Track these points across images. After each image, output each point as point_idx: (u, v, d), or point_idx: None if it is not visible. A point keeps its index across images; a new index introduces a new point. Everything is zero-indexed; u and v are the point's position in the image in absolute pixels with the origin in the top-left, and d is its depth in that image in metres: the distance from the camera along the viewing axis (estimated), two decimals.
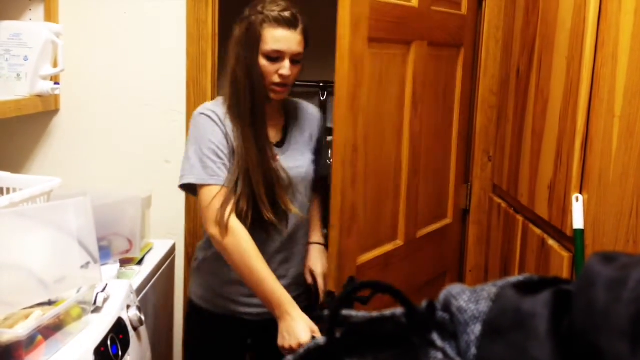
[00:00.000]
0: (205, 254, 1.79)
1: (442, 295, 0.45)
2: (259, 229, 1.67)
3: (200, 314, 1.81)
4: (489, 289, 0.43)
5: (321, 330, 1.55)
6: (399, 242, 1.89)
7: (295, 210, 1.71)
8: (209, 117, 1.64)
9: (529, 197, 1.72)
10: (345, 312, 0.45)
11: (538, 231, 1.64)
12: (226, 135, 1.63)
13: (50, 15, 2.11)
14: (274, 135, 1.77)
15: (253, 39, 1.62)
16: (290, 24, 1.62)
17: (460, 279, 2.31)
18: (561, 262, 1.46)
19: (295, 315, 1.57)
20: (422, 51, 1.89)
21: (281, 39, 1.61)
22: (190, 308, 1.86)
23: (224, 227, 1.57)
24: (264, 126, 1.70)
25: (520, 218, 1.81)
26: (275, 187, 1.67)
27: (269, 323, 1.64)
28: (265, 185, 1.65)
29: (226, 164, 1.62)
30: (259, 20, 1.62)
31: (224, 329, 1.80)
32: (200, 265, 1.82)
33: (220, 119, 1.64)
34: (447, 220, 2.20)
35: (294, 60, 1.65)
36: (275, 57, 1.62)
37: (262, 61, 1.62)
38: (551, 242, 1.54)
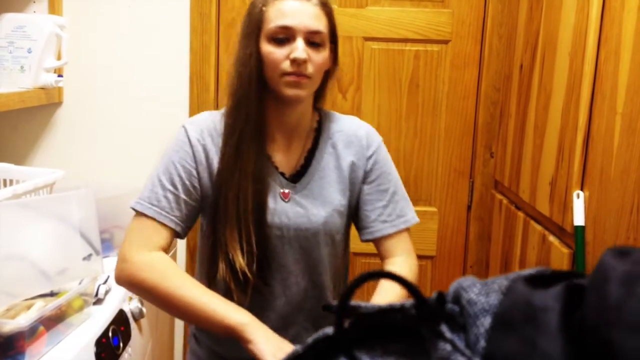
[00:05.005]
0: None
1: (452, 287, 0.44)
2: (250, 293, 1.25)
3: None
4: (500, 282, 0.42)
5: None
6: None
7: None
8: (185, 131, 1.29)
9: (530, 193, 1.72)
10: (354, 302, 0.44)
11: (539, 227, 1.64)
12: (196, 160, 1.27)
13: (54, 8, 2.12)
14: (288, 163, 1.33)
15: (254, 22, 1.23)
16: None
17: (462, 273, 2.31)
18: (561, 259, 1.46)
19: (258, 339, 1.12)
20: (353, 45, 2.19)
21: (289, 11, 1.20)
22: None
23: (129, 260, 1.22)
24: (262, 142, 1.27)
25: (521, 214, 1.81)
26: (264, 241, 1.26)
27: None
28: (249, 232, 1.24)
29: (179, 196, 1.25)
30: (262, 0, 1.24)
31: None
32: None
33: (199, 136, 1.28)
34: (430, 208, 2.28)
35: (312, 42, 1.22)
36: (283, 37, 1.21)
37: (267, 47, 1.21)
38: (552, 238, 1.54)
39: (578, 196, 1.39)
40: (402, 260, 1.35)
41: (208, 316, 1.15)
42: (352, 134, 1.36)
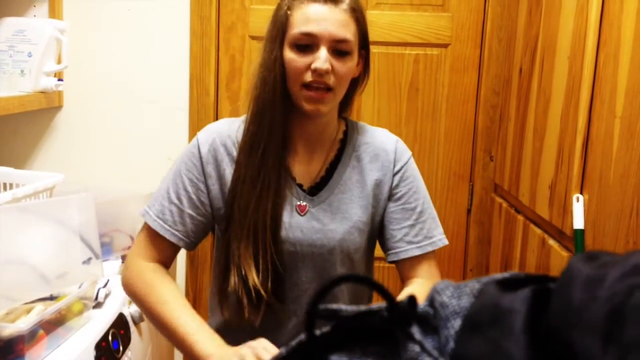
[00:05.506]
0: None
1: (430, 291, 0.45)
2: (263, 310, 1.18)
3: None
4: (472, 285, 0.43)
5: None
6: None
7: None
8: (197, 142, 1.24)
9: (529, 196, 1.72)
10: (335, 306, 0.44)
11: (538, 231, 1.64)
12: (205, 173, 1.22)
13: (55, 12, 2.12)
14: (307, 175, 1.26)
15: (278, 25, 1.17)
16: None
17: (462, 277, 2.31)
18: (561, 262, 1.46)
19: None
20: None
21: (313, 16, 1.13)
22: None
23: (128, 268, 1.24)
24: (284, 153, 1.21)
25: (521, 218, 1.81)
26: (277, 257, 1.19)
27: None
28: (260, 246, 1.17)
29: (183, 210, 1.21)
30: (288, 1, 1.18)
31: None
32: None
33: (210, 147, 1.23)
34: None
35: (338, 50, 1.15)
36: (306, 44, 1.14)
37: (290, 54, 1.15)
38: (551, 242, 1.54)
39: (577, 199, 1.39)
40: (421, 283, 1.26)
41: (180, 339, 1.10)
42: (380, 148, 1.29)
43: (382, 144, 1.30)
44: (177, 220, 1.21)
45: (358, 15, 1.18)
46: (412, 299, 0.43)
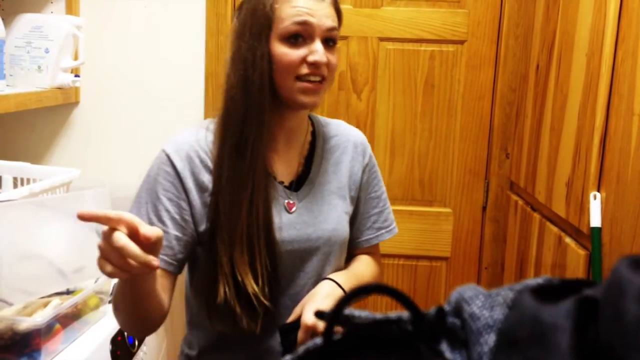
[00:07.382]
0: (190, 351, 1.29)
1: (454, 297, 0.41)
2: (261, 316, 1.14)
3: None
4: (505, 294, 0.39)
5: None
6: None
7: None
8: (168, 159, 1.18)
9: (546, 194, 1.71)
10: (347, 310, 0.42)
11: (555, 229, 1.63)
12: (185, 189, 1.16)
13: (72, 9, 2.13)
14: (286, 171, 1.25)
15: (262, 21, 1.13)
16: None
17: (477, 275, 2.30)
18: (578, 260, 1.45)
19: None
20: (368, 45, 2.20)
21: (305, 8, 1.12)
22: None
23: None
24: (265, 155, 1.17)
25: (537, 215, 1.80)
26: (275, 260, 1.16)
27: None
28: (254, 250, 1.13)
29: (168, 232, 1.13)
30: None
31: None
32: None
33: (186, 161, 1.17)
34: (445, 209, 2.27)
35: (328, 39, 1.15)
36: (300, 36, 1.13)
37: (280, 48, 1.12)
38: (568, 240, 1.53)
39: (595, 197, 1.38)
40: (368, 262, 1.35)
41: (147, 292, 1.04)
42: (347, 140, 1.32)
43: (349, 136, 1.33)
44: (164, 244, 1.06)
45: (338, 7, 1.20)
46: (440, 312, 0.40)
